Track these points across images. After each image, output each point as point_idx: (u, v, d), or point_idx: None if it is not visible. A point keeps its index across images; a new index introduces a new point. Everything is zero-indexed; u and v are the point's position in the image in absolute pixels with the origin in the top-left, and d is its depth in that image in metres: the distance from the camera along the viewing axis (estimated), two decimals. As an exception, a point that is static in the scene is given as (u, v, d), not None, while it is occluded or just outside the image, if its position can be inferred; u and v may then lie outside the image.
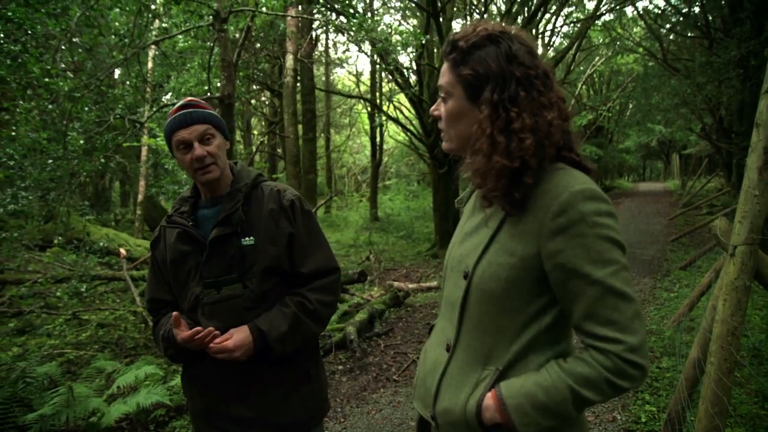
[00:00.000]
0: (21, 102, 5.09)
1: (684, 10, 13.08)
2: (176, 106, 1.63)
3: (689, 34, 13.67)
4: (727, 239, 2.39)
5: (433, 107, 1.20)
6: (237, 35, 7.46)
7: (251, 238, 1.63)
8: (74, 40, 6.54)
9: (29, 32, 5.24)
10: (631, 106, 24.75)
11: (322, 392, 1.80)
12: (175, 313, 1.52)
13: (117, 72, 7.02)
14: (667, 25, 14.77)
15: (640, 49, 16.58)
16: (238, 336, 1.54)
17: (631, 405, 3.57)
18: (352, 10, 6.91)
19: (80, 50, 6.18)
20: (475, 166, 1.11)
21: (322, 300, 1.69)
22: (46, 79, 4.89)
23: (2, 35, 5.00)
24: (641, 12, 14.56)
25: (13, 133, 5.06)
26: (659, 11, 14.62)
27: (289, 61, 9.49)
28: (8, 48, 5.20)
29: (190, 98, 1.66)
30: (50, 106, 5.24)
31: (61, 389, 3.37)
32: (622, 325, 1.01)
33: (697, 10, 12.74)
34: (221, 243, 1.62)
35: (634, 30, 18.66)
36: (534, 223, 1.05)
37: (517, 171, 1.05)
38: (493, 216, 1.15)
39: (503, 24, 1.13)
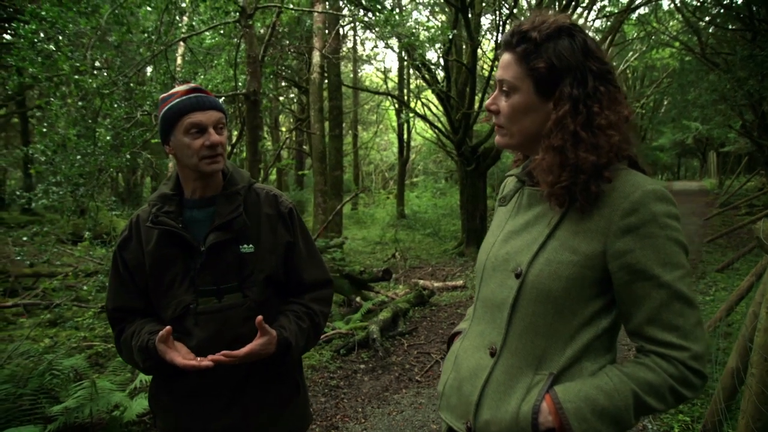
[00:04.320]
0: (53, 99, 5.20)
1: (725, 2, 12.57)
2: (180, 89, 1.50)
3: (730, 27, 13.15)
4: (771, 242, 2.23)
5: (488, 101, 1.14)
6: (263, 31, 7.48)
7: (250, 245, 1.54)
8: (108, 39, 6.66)
9: (61, 31, 5.35)
10: (666, 102, 23.99)
11: (308, 405, 1.74)
12: (168, 327, 1.40)
13: (149, 69, 7.11)
14: (707, 18, 14.23)
15: (677, 44, 16.04)
16: (260, 342, 1.42)
17: (663, 414, 3.41)
18: (379, 6, 6.85)
19: (107, 48, 6.28)
20: (548, 162, 1.06)
21: (324, 312, 1.66)
22: (76, 77, 4.97)
23: (34, 34, 5.11)
24: (678, 5, 14.05)
25: (44, 130, 5.19)
26: (698, 3, 14.09)
27: (316, 57, 9.48)
28: (41, 46, 5.32)
29: (194, 84, 1.53)
30: (80, 103, 5.34)
31: (84, 383, 3.41)
32: (686, 331, 0.99)
33: (740, 1, 12.23)
34: (219, 249, 1.50)
35: (671, 23, 18.05)
36: (600, 221, 1.02)
37: (599, 166, 1.02)
38: (549, 213, 1.11)
39: (568, 17, 1.09)
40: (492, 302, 1.16)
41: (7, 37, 11.49)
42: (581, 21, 15.64)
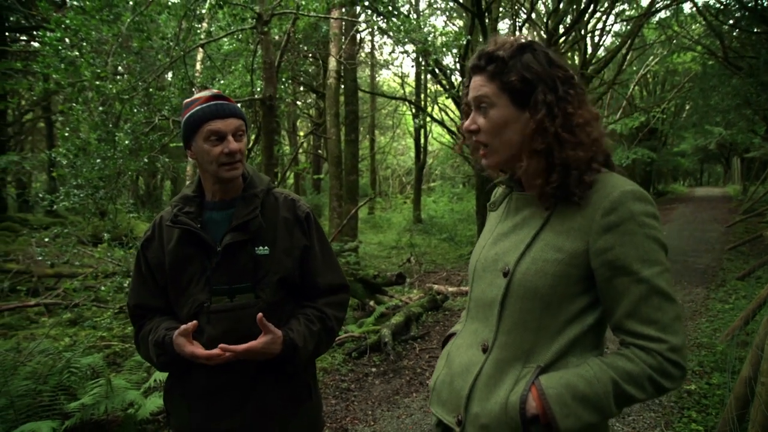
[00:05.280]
0: (75, 105, 5.35)
1: (750, 4, 12.34)
2: (203, 95, 1.55)
3: (755, 30, 12.91)
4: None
5: (467, 123, 1.19)
6: (278, 37, 7.59)
7: (266, 247, 1.57)
8: (129, 45, 6.83)
9: (84, 38, 5.51)
10: (687, 107, 23.60)
11: (320, 409, 1.76)
12: (194, 322, 1.45)
13: (169, 75, 7.28)
14: (730, 21, 13.99)
15: (699, 47, 15.79)
16: (263, 341, 1.44)
17: (676, 422, 3.37)
18: (396, 12, 6.89)
19: (127, 54, 6.46)
20: (534, 166, 1.13)
21: (338, 317, 1.67)
22: (97, 83, 5.12)
23: (59, 42, 5.27)
24: (700, 8, 13.83)
25: (67, 134, 5.35)
26: (721, 6, 13.84)
27: (332, 62, 9.57)
28: (65, 53, 5.48)
29: (216, 90, 1.58)
30: (101, 108, 5.49)
31: (100, 380, 3.49)
32: (665, 324, 1.03)
33: (765, 3, 11.99)
34: (234, 250, 1.54)
35: (693, 27, 17.76)
36: (583, 221, 1.08)
37: (587, 160, 1.10)
38: (535, 216, 1.17)
39: (525, 37, 1.18)
40: (483, 301, 1.21)
41: (35, 44, 11.84)
42: (600, 25, 15.50)
